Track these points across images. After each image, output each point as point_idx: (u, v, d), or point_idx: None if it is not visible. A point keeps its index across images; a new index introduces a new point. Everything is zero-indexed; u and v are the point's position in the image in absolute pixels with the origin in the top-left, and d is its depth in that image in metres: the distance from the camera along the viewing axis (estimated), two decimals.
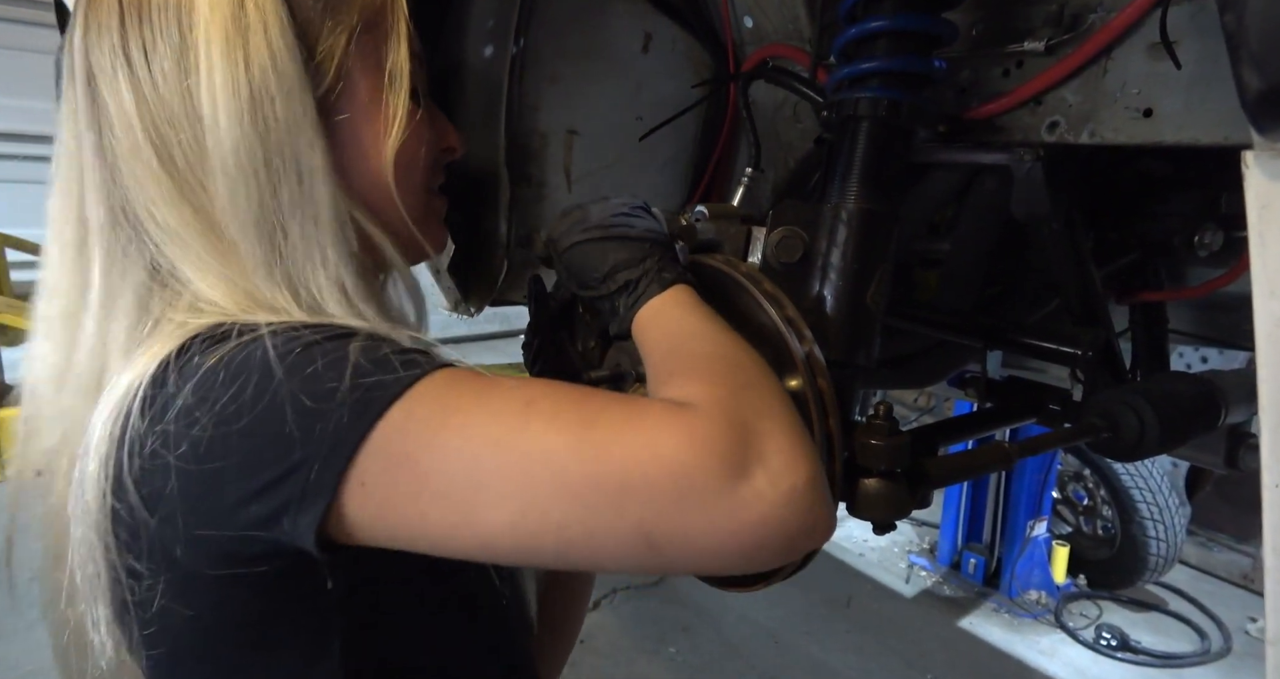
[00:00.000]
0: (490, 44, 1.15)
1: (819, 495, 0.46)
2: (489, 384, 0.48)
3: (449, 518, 0.45)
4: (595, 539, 0.45)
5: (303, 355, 0.47)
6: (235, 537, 0.47)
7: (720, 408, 0.47)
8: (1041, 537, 3.62)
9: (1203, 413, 0.85)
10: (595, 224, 0.69)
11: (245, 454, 0.46)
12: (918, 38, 0.76)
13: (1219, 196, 0.99)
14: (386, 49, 0.59)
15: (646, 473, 0.44)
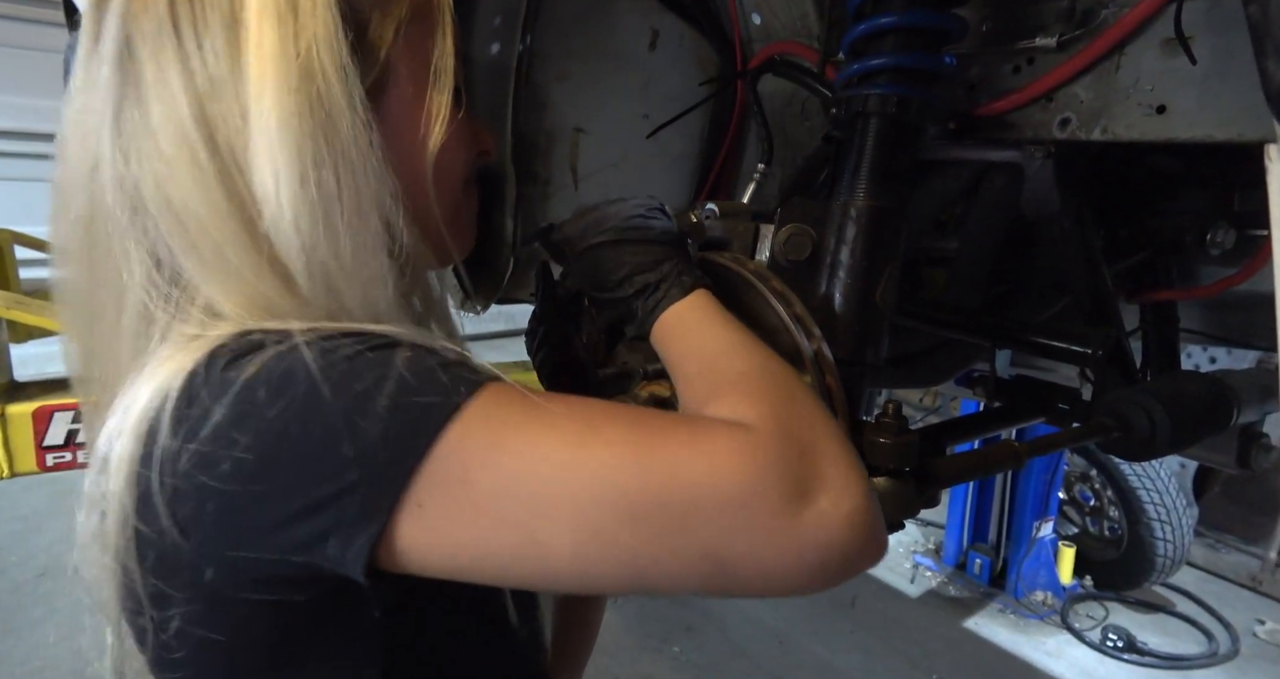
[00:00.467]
0: (497, 41, 1.15)
1: (877, 514, 0.47)
2: (542, 405, 0.47)
3: (511, 543, 0.44)
4: (664, 564, 0.44)
5: (348, 370, 0.45)
6: (273, 560, 0.45)
7: (775, 425, 0.47)
8: (1048, 537, 3.61)
9: (1214, 413, 0.84)
10: (612, 226, 0.68)
11: (291, 475, 0.44)
12: (927, 34, 0.76)
13: (1231, 194, 0.98)
14: (432, 44, 0.57)
15: (714, 494, 0.44)
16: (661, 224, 0.69)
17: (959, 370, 1.25)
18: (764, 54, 1.17)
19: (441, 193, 0.60)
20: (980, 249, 1.08)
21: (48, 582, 3.21)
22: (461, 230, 0.66)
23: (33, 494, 3.79)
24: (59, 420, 1.33)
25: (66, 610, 3.00)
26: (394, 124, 0.56)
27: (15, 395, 1.35)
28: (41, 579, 3.23)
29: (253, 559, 0.45)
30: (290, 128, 0.49)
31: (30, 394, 1.35)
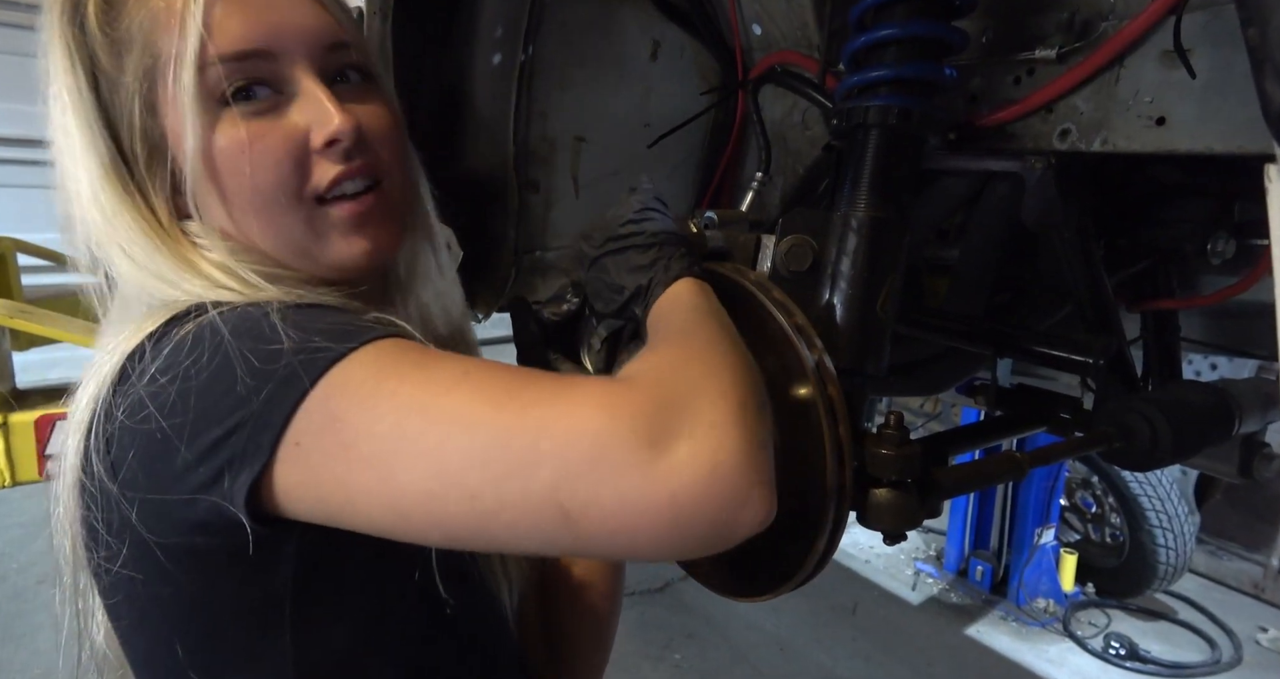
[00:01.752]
0: (499, 51, 1.15)
1: (751, 468, 0.43)
2: (431, 356, 0.48)
3: (369, 482, 0.45)
4: (508, 510, 0.43)
5: (259, 322, 0.49)
6: (184, 501, 0.47)
7: (654, 378, 0.46)
8: (1049, 544, 3.60)
9: (1217, 422, 0.84)
10: (608, 237, 0.69)
11: (198, 414, 0.47)
12: (928, 45, 0.76)
13: (1232, 204, 0.99)
14: (170, 76, 0.55)
15: (554, 439, 0.42)
16: (655, 223, 0.69)
17: (960, 379, 1.25)
18: (765, 64, 1.18)
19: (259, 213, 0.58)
20: (981, 258, 1.08)
21: (48, 588, 3.19)
22: (331, 241, 0.60)
23: (34, 501, 3.78)
24: (61, 429, 1.33)
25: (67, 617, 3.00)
26: (177, 168, 0.57)
27: (18, 404, 1.35)
28: (41, 586, 3.22)
29: (168, 501, 0.48)
30: (77, 220, 0.58)
31: (33, 402, 1.36)
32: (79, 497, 0.53)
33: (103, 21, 0.56)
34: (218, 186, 0.56)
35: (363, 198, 0.60)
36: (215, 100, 0.55)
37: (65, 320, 1.44)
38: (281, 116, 0.57)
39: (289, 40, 0.56)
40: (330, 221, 0.59)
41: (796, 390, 0.66)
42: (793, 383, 0.66)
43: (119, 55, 0.56)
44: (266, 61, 0.56)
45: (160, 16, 0.54)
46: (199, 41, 0.53)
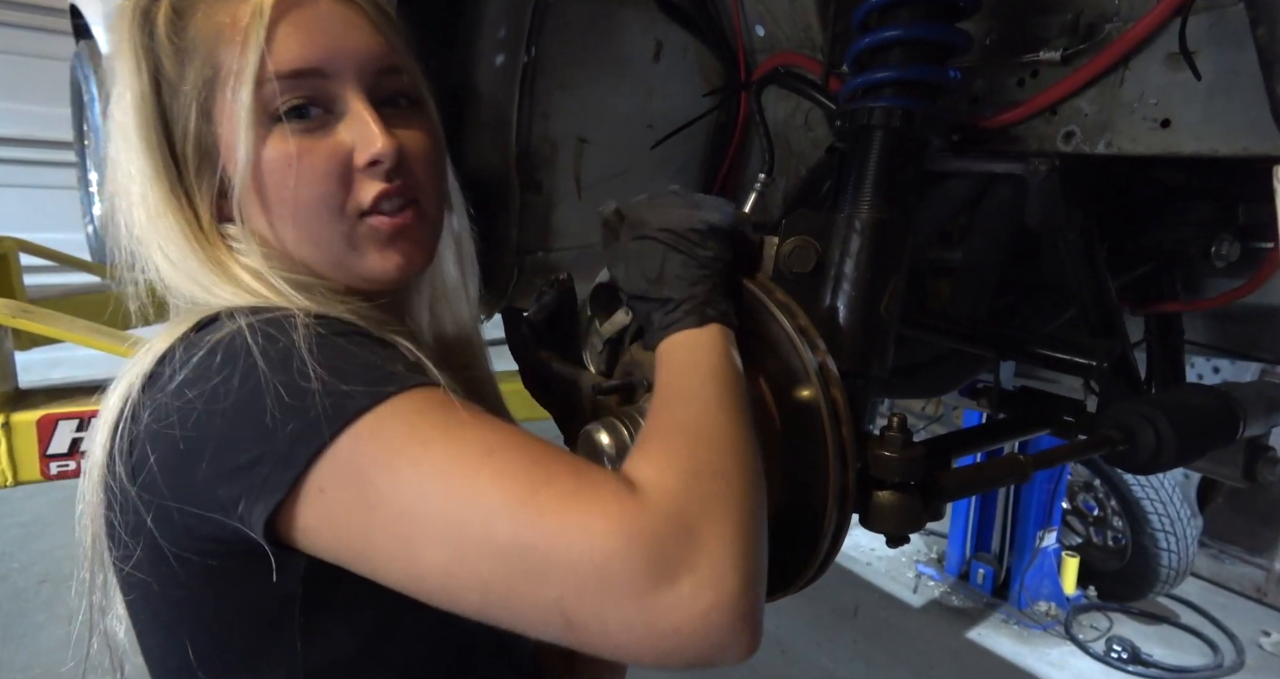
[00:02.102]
0: (502, 52, 1.15)
1: (744, 612, 0.44)
2: (458, 419, 0.49)
3: (389, 547, 0.46)
4: (515, 605, 0.45)
5: (291, 352, 0.49)
6: (199, 515, 0.49)
7: (667, 497, 0.46)
8: (1051, 547, 3.59)
9: (1221, 426, 0.84)
10: (672, 227, 0.64)
11: (223, 435, 0.48)
12: (932, 47, 0.76)
13: (1236, 207, 0.98)
14: (229, 89, 0.58)
15: (570, 552, 0.43)
16: (717, 248, 0.65)
17: (963, 381, 1.25)
18: (768, 65, 1.17)
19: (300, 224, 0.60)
20: (985, 260, 1.08)
21: (49, 588, 3.21)
22: (367, 256, 0.62)
23: (35, 501, 3.79)
24: (63, 429, 1.33)
25: (68, 617, 3.00)
26: (227, 175, 0.60)
27: (20, 404, 1.35)
28: (43, 585, 3.23)
29: (184, 511, 0.50)
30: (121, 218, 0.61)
31: (35, 402, 1.36)
32: (103, 493, 0.55)
33: (170, 30, 0.59)
34: (262, 196, 0.59)
35: (400, 214, 0.62)
36: (268, 114, 0.57)
37: (68, 320, 1.44)
38: (329, 134, 0.59)
39: (342, 62, 0.59)
40: (367, 235, 0.61)
41: (799, 393, 0.66)
42: (796, 385, 0.66)
43: (182, 63, 0.59)
44: (320, 80, 0.58)
45: (225, 31, 0.57)
46: (259, 58, 0.56)
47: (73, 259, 2.36)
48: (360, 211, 0.60)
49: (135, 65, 0.59)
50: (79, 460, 1.34)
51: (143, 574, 0.54)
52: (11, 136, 5.43)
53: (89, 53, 3.40)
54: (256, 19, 0.56)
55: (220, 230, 0.61)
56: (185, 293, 0.59)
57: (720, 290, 0.64)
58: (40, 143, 5.40)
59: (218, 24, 0.57)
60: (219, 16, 0.58)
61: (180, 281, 0.59)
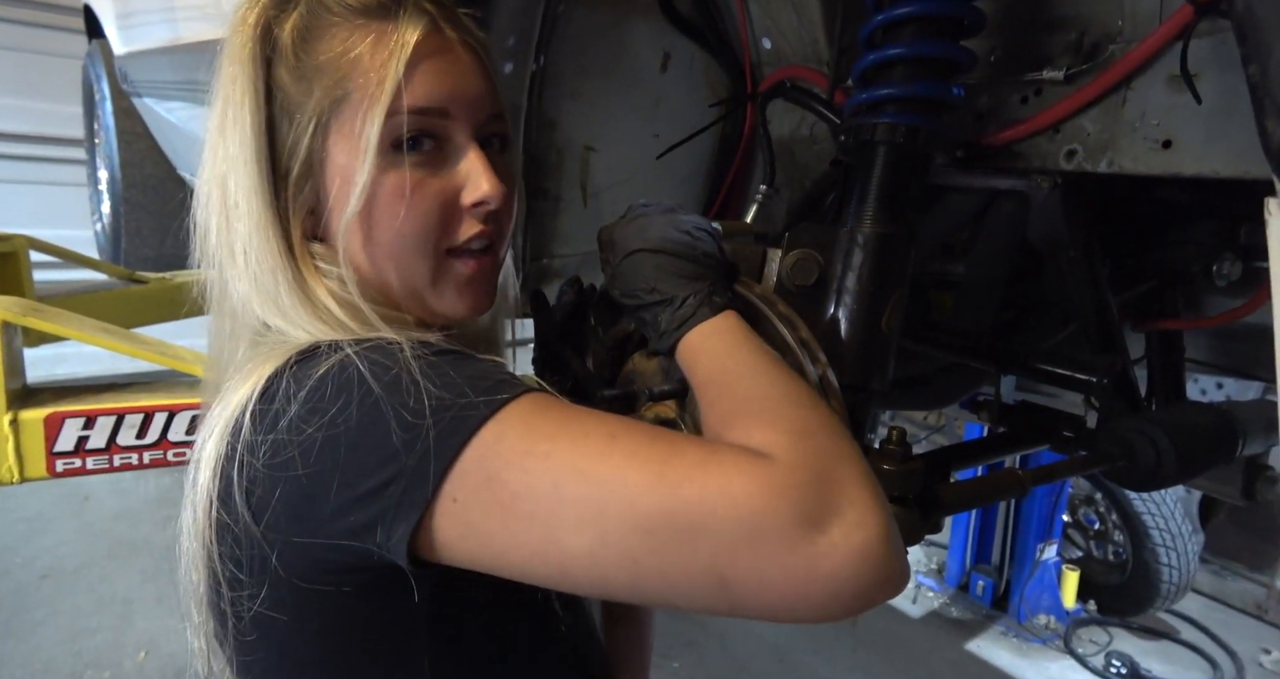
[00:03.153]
0: (511, 61, 1.16)
1: (894, 548, 0.46)
2: (574, 414, 0.50)
3: (531, 541, 0.47)
4: (669, 575, 0.45)
5: (402, 373, 0.50)
6: (329, 545, 0.50)
7: (792, 452, 0.48)
8: (1051, 560, 3.58)
9: (1220, 444, 0.85)
10: (656, 235, 0.68)
11: (348, 463, 0.49)
12: (936, 64, 0.76)
13: (1238, 226, 0.99)
14: (360, 116, 0.59)
15: (720, 515, 0.44)
16: (706, 245, 0.69)
17: (964, 394, 1.25)
18: (774, 78, 1.18)
19: (396, 255, 0.61)
20: (988, 275, 1.08)
21: (50, 584, 3.21)
22: (447, 292, 0.64)
23: (38, 496, 3.81)
24: (70, 426, 1.34)
25: (68, 612, 3.01)
26: (335, 198, 0.61)
27: (28, 401, 1.36)
28: (44, 581, 3.23)
29: (312, 544, 0.50)
30: (211, 225, 0.61)
31: (43, 400, 1.36)
32: (217, 534, 0.55)
33: (297, 45, 0.60)
34: (366, 221, 0.60)
35: (481, 258, 0.65)
36: (389, 144, 0.59)
37: (77, 319, 1.45)
38: (439, 171, 0.62)
39: (463, 105, 0.62)
40: (450, 275, 0.64)
41: None
42: None
43: (305, 80, 0.60)
44: (441, 119, 0.61)
45: (363, 61, 0.59)
46: (395, 91, 0.58)
47: (82, 257, 2.37)
48: (448, 249, 0.63)
49: (252, 76, 0.59)
50: (84, 458, 1.35)
51: (270, 612, 0.54)
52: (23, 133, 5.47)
53: (101, 52, 3.43)
54: (398, 53, 0.58)
55: (309, 248, 0.62)
56: (262, 314, 0.59)
57: (722, 283, 0.67)
58: (51, 140, 5.44)
59: (352, 51, 0.59)
60: (356, 43, 0.59)
61: (259, 300, 0.59)
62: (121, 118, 3.29)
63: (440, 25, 0.61)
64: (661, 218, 0.70)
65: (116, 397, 1.39)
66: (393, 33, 0.59)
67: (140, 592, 3.16)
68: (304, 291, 0.60)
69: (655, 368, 0.77)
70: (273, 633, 0.56)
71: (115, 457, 1.36)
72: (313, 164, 0.61)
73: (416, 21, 0.60)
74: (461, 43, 0.63)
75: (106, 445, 1.35)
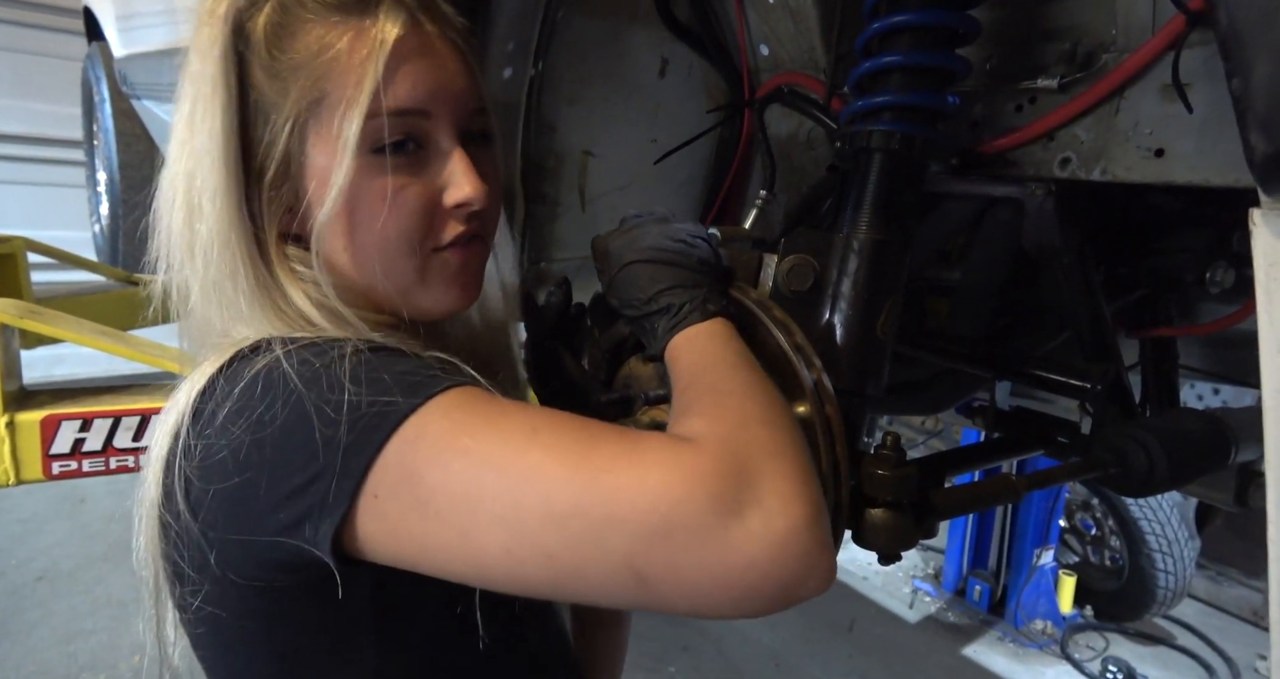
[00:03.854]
0: (510, 66, 1.17)
1: (817, 539, 0.45)
2: (498, 408, 0.50)
3: (447, 538, 0.47)
4: (585, 571, 0.45)
5: (326, 371, 0.50)
6: (266, 542, 0.50)
7: (720, 443, 0.47)
8: (1048, 565, 3.58)
9: (1213, 451, 0.85)
10: (651, 245, 0.68)
11: (274, 462, 0.49)
12: (932, 73, 0.77)
13: (1230, 234, 1.00)
14: (338, 117, 0.57)
15: (633, 505, 0.43)
16: (701, 253, 0.69)
17: (960, 399, 1.25)
18: (771, 84, 1.19)
19: (378, 258, 0.60)
20: (983, 281, 1.09)
21: (45, 585, 3.21)
22: (434, 287, 0.63)
23: (34, 498, 3.80)
24: (66, 429, 1.34)
25: (63, 614, 3.00)
26: (312, 200, 0.59)
27: (25, 403, 1.36)
28: (39, 583, 3.23)
29: (249, 542, 0.50)
30: (176, 220, 0.59)
31: (40, 402, 1.36)
32: (161, 531, 0.55)
33: (271, 41, 0.58)
34: (349, 223, 0.59)
35: (468, 248, 0.64)
36: (369, 147, 0.57)
37: (74, 322, 1.45)
38: (422, 171, 0.61)
39: (444, 103, 0.60)
40: (438, 270, 0.63)
41: (795, 409, 0.67)
42: (791, 402, 0.67)
43: (280, 78, 0.58)
44: (423, 120, 0.60)
45: (341, 60, 0.57)
46: (374, 93, 0.56)
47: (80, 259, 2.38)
48: (435, 247, 0.63)
49: (225, 72, 0.57)
50: (80, 460, 1.35)
51: (212, 607, 0.54)
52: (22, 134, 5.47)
53: (101, 54, 3.44)
54: (377, 52, 0.57)
55: (283, 249, 0.61)
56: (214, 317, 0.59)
57: (717, 289, 0.67)
58: (50, 141, 5.44)
59: (330, 49, 0.57)
60: (332, 42, 0.57)
61: (218, 305, 0.58)
62: (121, 120, 3.29)
63: (419, 19, 0.60)
64: (656, 227, 0.70)
65: (113, 399, 1.39)
66: (371, 30, 0.57)
67: (136, 594, 3.15)
68: (268, 295, 0.58)
69: (652, 372, 0.78)
70: (219, 628, 0.56)
71: (111, 459, 1.36)
72: (290, 165, 0.59)
73: (395, 17, 0.58)
74: (441, 36, 0.61)
75: (103, 448, 1.35)
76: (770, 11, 1.13)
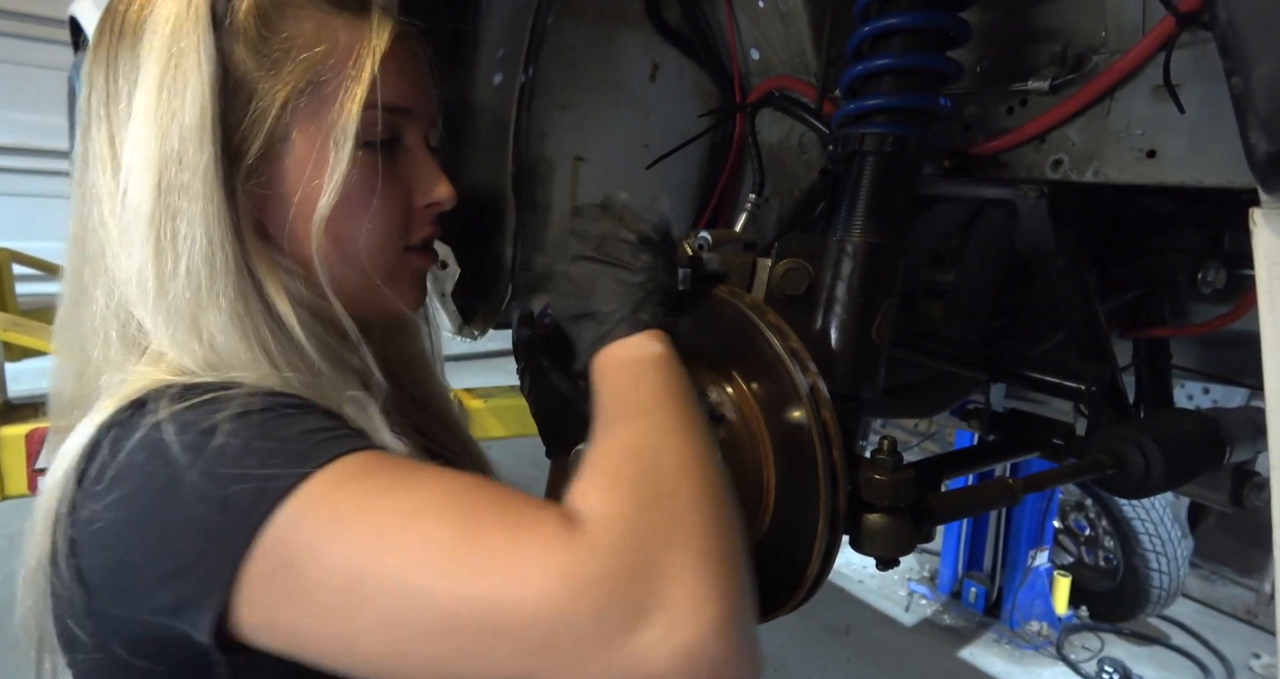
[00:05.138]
0: (500, 72, 1.17)
1: (731, 643, 0.40)
2: (384, 485, 0.45)
3: (331, 637, 0.43)
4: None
5: (210, 434, 0.46)
6: (143, 621, 0.46)
7: (617, 534, 0.42)
8: (1043, 566, 3.59)
9: (1208, 451, 0.85)
10: (595, 244, 0.62)
11: (152, 541, 0.45)
12: (923, 75, 0.77)
13: (1222, 235, 1.00)
14: (336, 107, 0.56)
15: (514, 616, 0.39)
16: (646, 258, 0.62)
17: (955, 401, 1.25)
18: (763, 88, 1.19)
19: (359, 252, 0.59)
20: (977, 283, 1.09)
21: None
22: (401, 287, 0.63)
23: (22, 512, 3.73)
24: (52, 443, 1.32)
25: None
26: (289, 188, 0.57)
27: (9, 417, 1.34)
28: None
29: (127, 618, 0.47)
30: (142, 212, 0.52)
31: (24, 416, 1.35)
32: (46, 595, 0.51)
33: (259, 21, 0.55)
34: (333, 217, 0.57)
35: (428, 254, 0.66)
36: (360, 139, 0.57)
37: None
38: (396, 169, 0.61)
39: (422, 107, 0.62)
40: (406, 271, 0.64)
41: (790, 414, 0.66)
42: (787, 407, 0.66)
43: (269, 59, 0.55)
44: (405, 119, 0.61)
45: (339, 50, 0.57)
46: (371, 86, 0.56)
47: None
48: (406, 246, 0.63)
49: (208, 48, 0.53)
50: None
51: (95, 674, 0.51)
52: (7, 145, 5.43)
53: None
54: (375, 47, 0.57)
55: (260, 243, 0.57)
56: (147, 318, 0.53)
57: (656, 298, 0.60)
58: (36, 151, 5.41)
59: (327, 38, 0.56)
60: (329, 32, 0.56)
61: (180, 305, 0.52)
62: None
63: (405, 27, 0.62)
64: (608, 223, 0.63)
65: None
66: (366, 28, 0.58)
67: None
68: (241, 292, 0.54)
69: None
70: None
71: None
72: (271, 149, 0.56)
73: (387, 20, 0.60)
74: (419, 46, 0.64)
75: None
76: (761, 16, 1.13)
